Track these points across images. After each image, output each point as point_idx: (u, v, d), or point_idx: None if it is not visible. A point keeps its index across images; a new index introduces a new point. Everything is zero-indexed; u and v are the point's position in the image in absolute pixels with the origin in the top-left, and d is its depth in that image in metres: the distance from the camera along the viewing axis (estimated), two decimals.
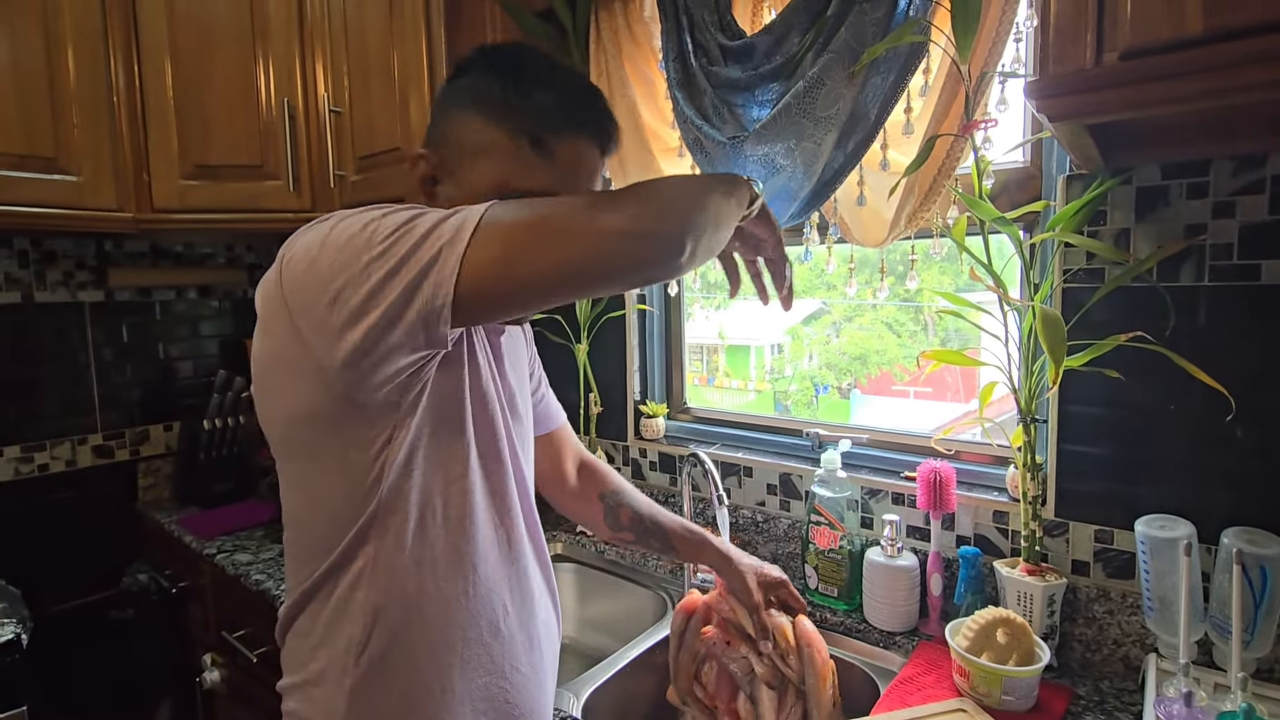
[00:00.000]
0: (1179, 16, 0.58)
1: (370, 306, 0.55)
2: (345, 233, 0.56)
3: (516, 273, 0.55)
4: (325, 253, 0.57)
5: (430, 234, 0.55)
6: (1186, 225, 0.88)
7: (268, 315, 0.62)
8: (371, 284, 0.55)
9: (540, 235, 0.55)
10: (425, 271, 0.54)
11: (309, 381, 0.60)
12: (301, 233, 0.61)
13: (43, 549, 1.61)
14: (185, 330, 1.85)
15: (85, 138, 1.37)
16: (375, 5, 1.35)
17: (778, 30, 1.04)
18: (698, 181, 0.63)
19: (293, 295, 0.59)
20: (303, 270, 0.58)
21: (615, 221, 0.56)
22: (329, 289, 0.56)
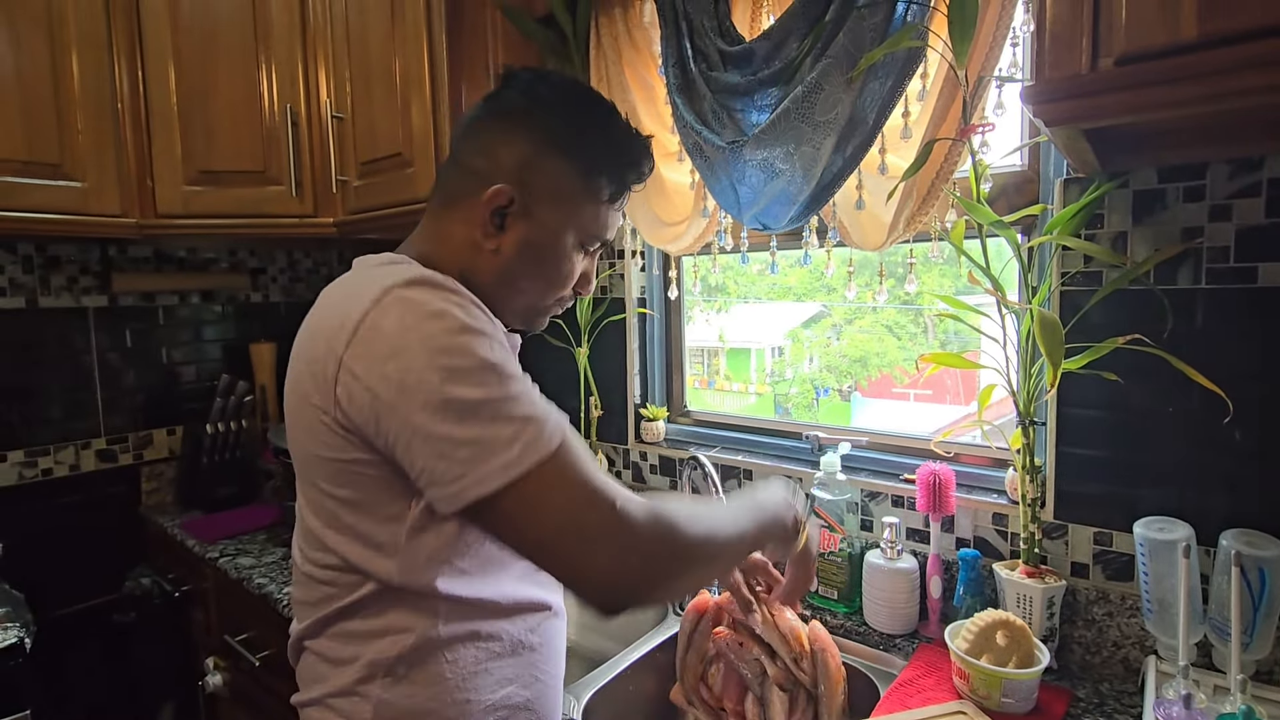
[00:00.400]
0: (1174, 22, 0.58)
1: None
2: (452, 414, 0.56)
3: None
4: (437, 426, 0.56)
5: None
6: (1183, 228, 0.89)
7: (317, 405, 0.62)
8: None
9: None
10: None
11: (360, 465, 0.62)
12: (379, 359, 0.58)
13: (46, 553, 1.61)
14: (188, 335, 1.86)
15: (89, 144, 1.38)
16: (377, 11, 1.36)
17: (776, 36, 1.04)
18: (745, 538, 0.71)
19: (377, 434, 0.59)
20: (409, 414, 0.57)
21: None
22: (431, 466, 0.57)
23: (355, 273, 0.70)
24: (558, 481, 0.57)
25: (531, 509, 0.56)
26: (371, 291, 0.60)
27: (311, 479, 0.67)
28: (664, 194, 1.31)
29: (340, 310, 0.62)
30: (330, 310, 0.64)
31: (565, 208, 0.70)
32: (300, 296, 2.08)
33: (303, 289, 2.09)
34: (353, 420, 0.60)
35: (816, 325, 4.43)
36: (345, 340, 0.59)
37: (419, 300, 0.59)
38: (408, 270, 0.63)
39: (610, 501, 0.58)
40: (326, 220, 1.53)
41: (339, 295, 0.66)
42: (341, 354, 0.59)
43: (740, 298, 3.70)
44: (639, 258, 1.50)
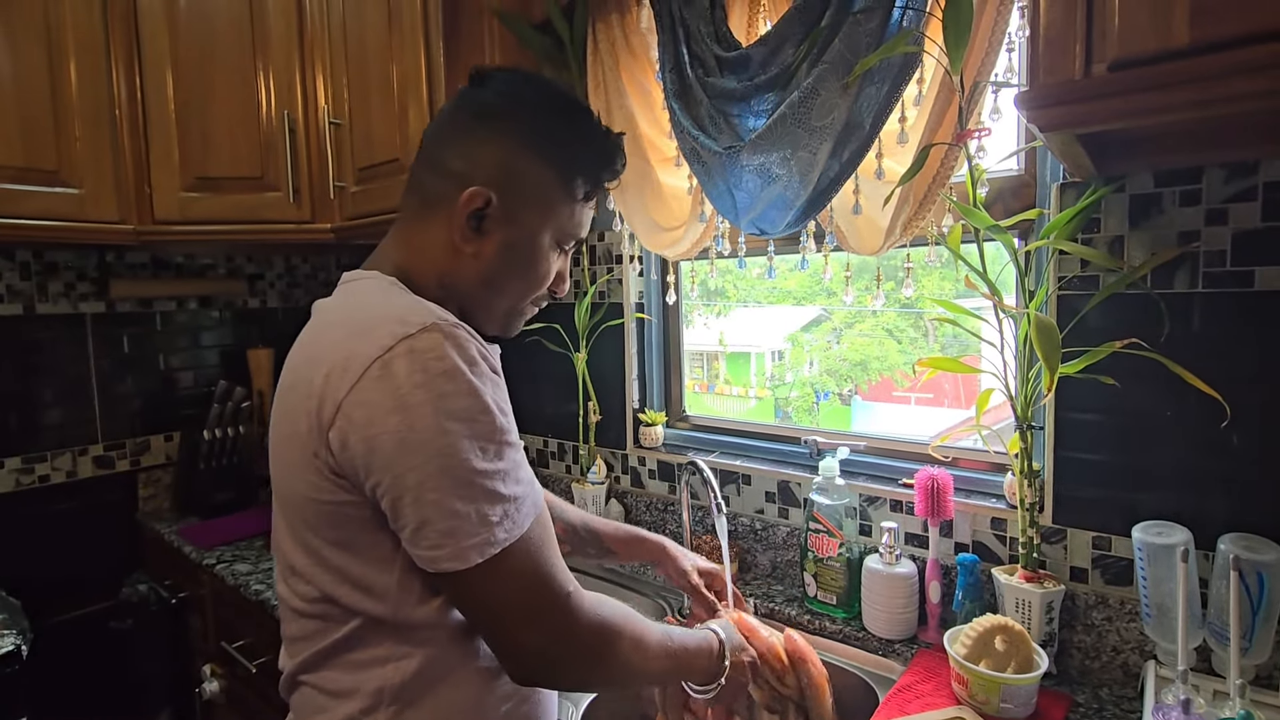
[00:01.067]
0: (1165, 28, 0.58)
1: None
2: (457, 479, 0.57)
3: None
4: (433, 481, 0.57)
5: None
6: (1180, 232, 0.89)
7: (307, 438, 0.61)
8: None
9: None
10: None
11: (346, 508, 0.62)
12: (383, 411, 0.57)
13: (43, 560, 1.61)
14: (186, 341, 1.86)
15: (87, 150, 1.38)
16: (375, 18, 1.36)
17: (773, 41, 1.05)
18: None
19: (359, 471, 0.59)
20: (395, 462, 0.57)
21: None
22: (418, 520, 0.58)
23: (352, 297, 0.68)
24: (522, 561, 0.60)
25: (492, 583, 0.59)
26: (380, 336, 0.58)
27: (298, 517, 0.65)
28: (661, 199, 1.31)
29: (344, 348, 0.60)
30: (330, 343, 0.62)
31: (543, 209, 0.70)
32: (298, 302, 2.08)
33: (300, 294, 2.09)
34: (343, 466, 0.59)
35: (816, 329, 4.44)
36: (348, 384, 0.58)
37: (432, 354, 0.57)
38: (413, 307, 0.61)
39: (563, 590, 0.62)
40: (324, 226, 1.53)
41: (340, 326, 0.64)
42: (341, 399, 0.58)
43: (740, 301, 3.70)
44: (637, 263, 1.50)
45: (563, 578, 0.63)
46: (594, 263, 1.54)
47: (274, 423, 0.68)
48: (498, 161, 0.68)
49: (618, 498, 1.53)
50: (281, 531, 0.69)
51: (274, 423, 0.68)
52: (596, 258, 1.54)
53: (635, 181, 1.32)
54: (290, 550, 0.67)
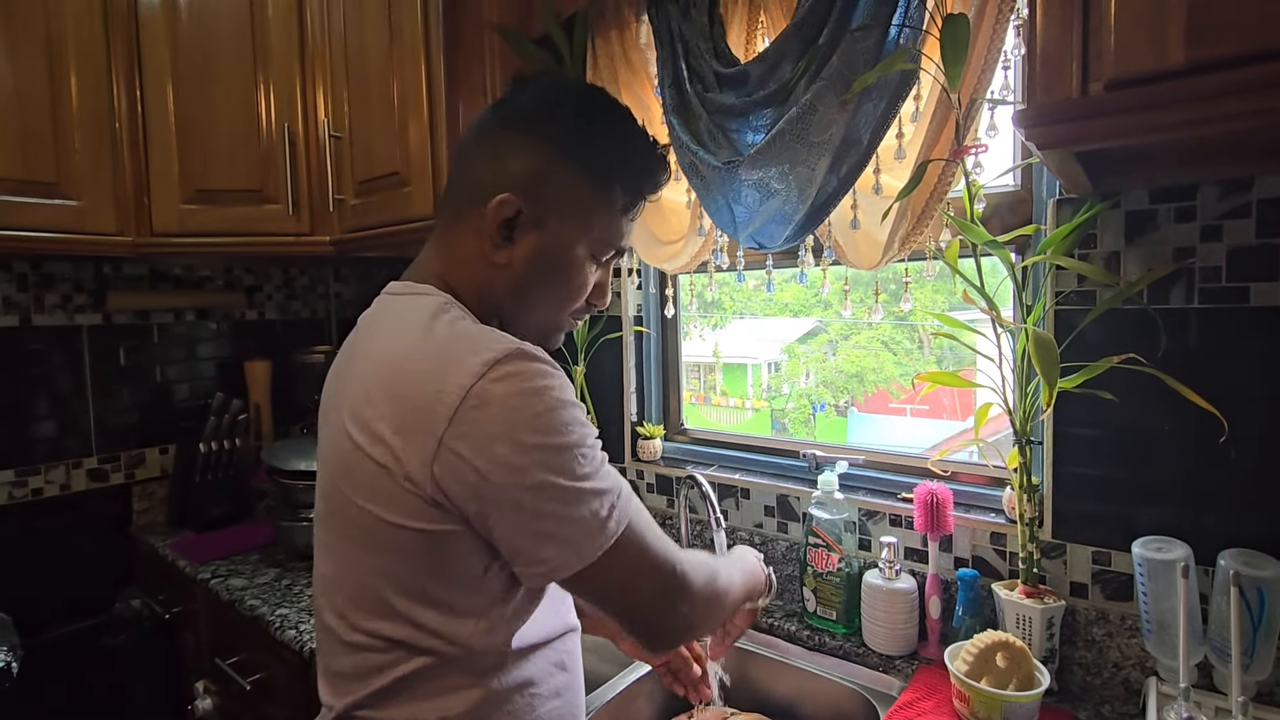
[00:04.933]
0: (1161, 48, 0.59)
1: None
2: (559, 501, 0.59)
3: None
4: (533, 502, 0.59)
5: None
6: (1175, 248, 0.89)
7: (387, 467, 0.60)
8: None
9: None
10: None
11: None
12: (487, 439, 0.57)
13: (35, 575, 1.59)
14: (182, 353, 1.85)
15: (86, 163, 1.38)
16: (375, 32, 1.37)
17: (771, 58, 1.05)
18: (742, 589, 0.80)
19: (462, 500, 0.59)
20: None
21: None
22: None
23: (413, 315, 0.65)
24: (634, 550, 0.63)
25: (613, 575, 0.62)
26: (468, 364, 0.58)
27: (369, 544, 0.63)
28: (660, 213, 1.31)
29: (431, 378, 0.59)
30: (405, 370, 0.61)
31: (577, 218, 0.68)
32: (296, 314, 2.08)
33: (298, 306, 2.09)
34: (450, 497, 0.59)
35: (813, 340, 4.45)
36: (446, 417, 0.57)
37: (521, 378, 0.59)
38: (486, 334, 0.62)
39: (674, 566, 0.66)
40: (323, 239, 1.54)
41: (414, 354, 0.61)
42: (441, 433, 0.57)
43: (736, 313, 3.71)
44: (635, 275, 1.50)
45: (674, 554, 0.66)
46: None
47: (330, 445, 0.66)
48: (529, 168, 0.67)
49: None
50: (336, 558, 0.66)
51: (330, 445, 0.66)
52: None
53: None
54: (350, 579, 0.65)
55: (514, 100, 0.71)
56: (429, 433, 0.57)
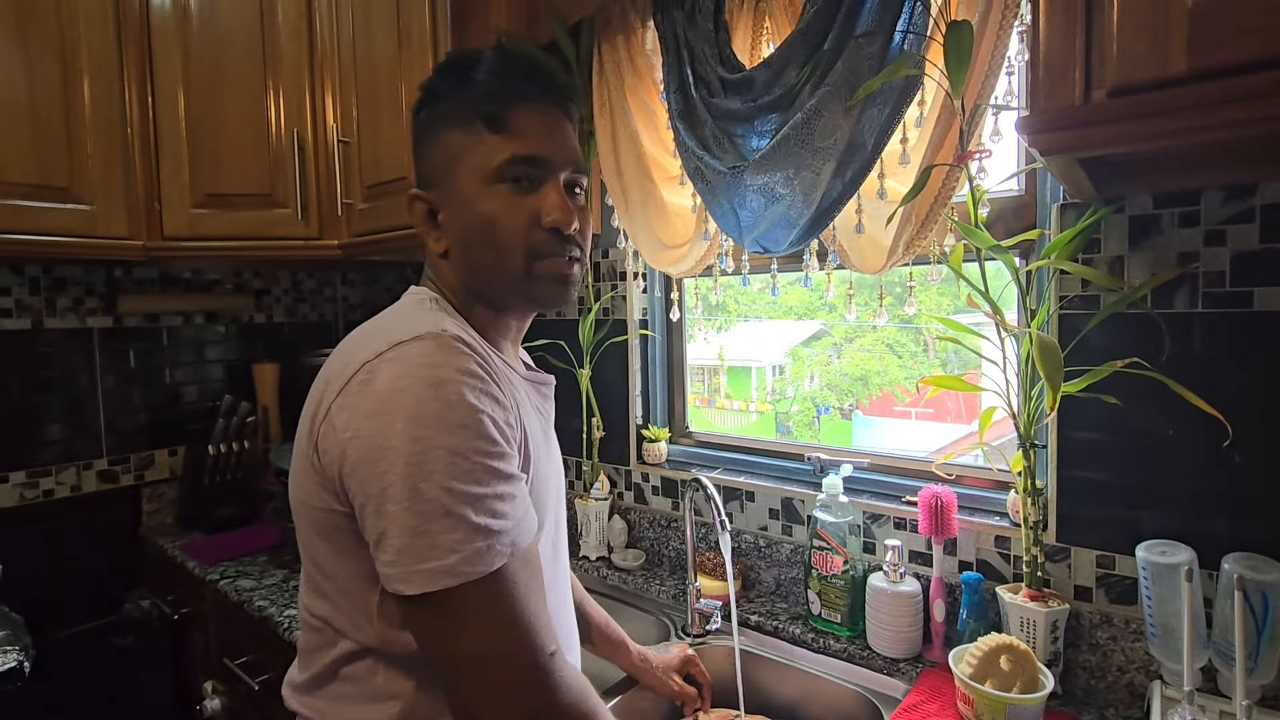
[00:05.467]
0: (1163, 56, 0.60)
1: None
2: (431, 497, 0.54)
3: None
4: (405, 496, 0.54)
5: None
6: (1179, 253, 0.90)
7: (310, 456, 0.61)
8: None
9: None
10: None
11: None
12: (360, 414, 0.56)
13: (46, 575, 1.61)
14: (191, 355, 1.87)
15: (99, 168, 1.40)
16: (384, 38, 1.38)
17: (776, 64, 1.06)
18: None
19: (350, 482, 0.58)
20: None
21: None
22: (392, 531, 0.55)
23: (384, 312, 0.69)
24: (488, 607, 0.54)
25: (452, 624, 0.54)
26: (378, 343, 0.59)
27: (301, 523, 0.65)
28: (665, 217, 1.32)
29: (349, 355, 0.61)
30: (341, 354, 0.63)
31: (459, 164, 0.67)
32: (303, 317, 2.09)
33: (306, 309, 2.10)
34: (326, 470, 0.59)
35: (817, 343, 4.45)
36: (338, 388, 0.58)
37: (421, 360, 0.56)
38: (422, 320, 0.61)
39: (543, 649, 0.56)
40: (331, 242, 1.55)
41: (355, 339, 0.64)
42: (331, 401, 0.58)
43: (741, 316, 3.72)
44: (640, 279, 1.51)
45: (543, 637, 0.57)
46: (598, 279, 1.56)
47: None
48: (420, 159, 0.71)
49: (620, 514, 1.53)
50: (298, 539, 0.69)
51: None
52: (601, 275, 1.55)
53: (639, 200, 1.33)
54: (303, 559, 0.68)
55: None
56: (325, 403, 0.59)
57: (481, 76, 0.67)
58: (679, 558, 1.44)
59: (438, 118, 0.69)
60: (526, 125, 0.67)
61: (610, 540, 1.50)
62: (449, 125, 0.68)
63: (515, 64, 0.68)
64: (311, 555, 0.65)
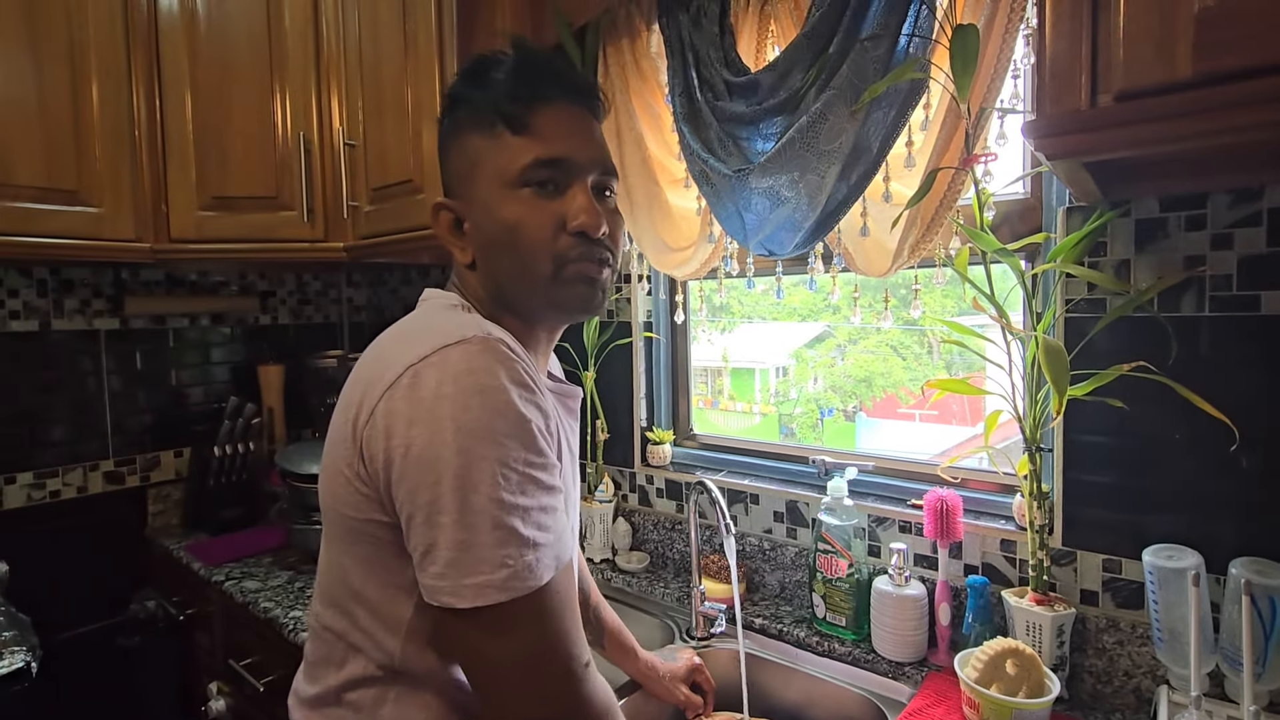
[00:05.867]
0: (1169, 61, 0.60)
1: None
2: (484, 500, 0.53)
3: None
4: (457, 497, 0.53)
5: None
6: (1186, 256, 0.90)
7: (349, 452, 0.59)
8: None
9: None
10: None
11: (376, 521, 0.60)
12: (406, 421, 0.55)
13: (52, 576, 1.61)
14: (197, 357, 1.87)
15: (106, 171, 1.41)
16: (390, 41, 1.39)
17: (781, 67, 1.06)
18: None
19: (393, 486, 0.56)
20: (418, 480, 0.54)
21: None
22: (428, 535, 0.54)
23: (418, 313, 0.67)
24: (533, 618, 0.54)
25: (493, 636, 0.54)
26: (423, 345, 0.56)
27: (333, 530, 0.64)
28: (670, 220, 1.32)
29: (386, 359, 0.58)
30: (380, 356, 0.61)
31: (479, 170, 0.65)
32: (309, 319, 2.10)
33: (311, 311, 2.11)
34: (371, 478, 0.57)
35: (821, 345, 4.44)
36: (381, 392, 0.56)
37: (464, 365, 0.54)
38: (464, 323, 0.59)
39: (580, 660, 0.57)
40: (337, 245, 1.55)
41: (393, 340, 0.62)
42: (374, 405, 0.56)
43: (744, 318, 3.71)
44: (645, 282, 1.51)
45: (580, 648, 0.57)
46: None
47: (327, 437, 0.66)
48: (444, 167, 0.71)
49: (625, 516, 1.53)
50: (322, 553, 0.68)
51: (327, 437, 0.66)
52: None
53: (644, 202, 1.34)
54: (322, 567, 0.66)
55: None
56: (366, 406, 0.57)
57: (501, 77, 0.65)
58: (683, 560, 1.44)
59: (459, 123, 0.68)
60: (549, 126, 0.64)
61: (615, 543, 1.51)
62: (470, 130, 0.66)
63: (536, 63, 0.66)
64: (338, 564, 0.64)
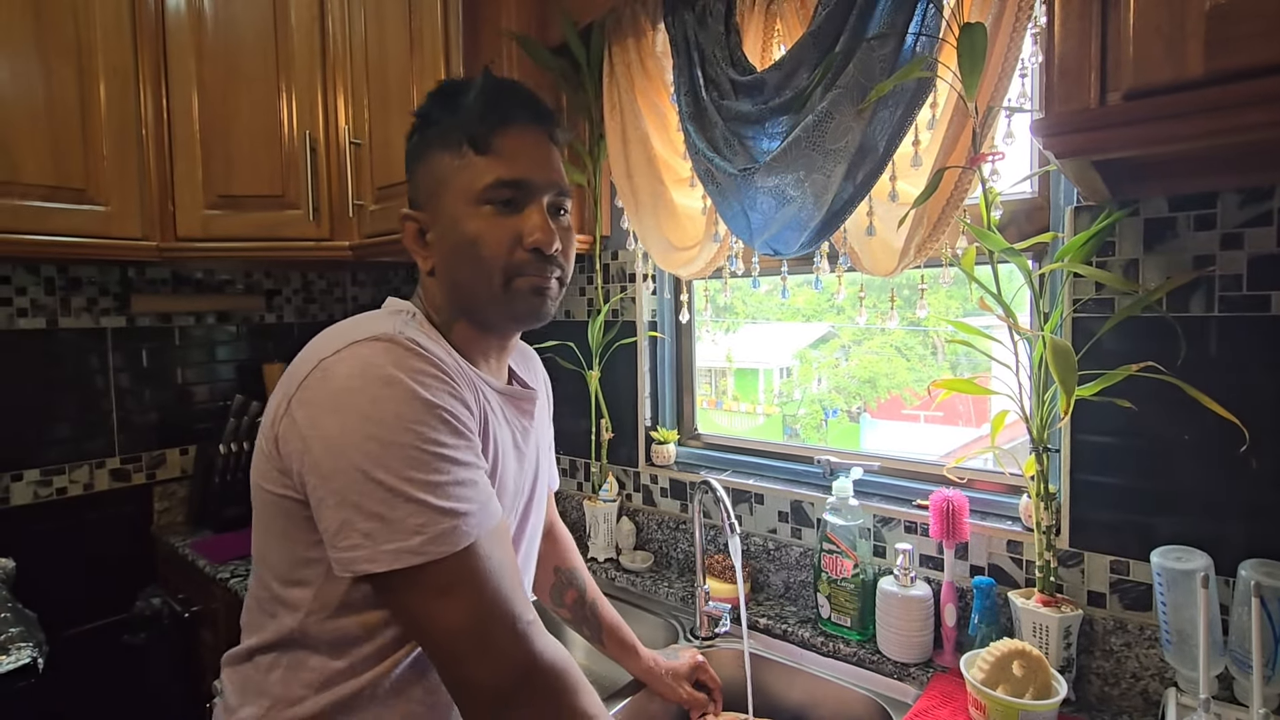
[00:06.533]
0: (1180, 59, 0.59)
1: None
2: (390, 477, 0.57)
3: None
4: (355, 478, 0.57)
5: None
6: (1195, 256, 0.89)
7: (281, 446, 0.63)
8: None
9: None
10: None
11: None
12: (319, 411, 0.59)
13: (59, 572, 1.62)
14: (203, 355, 1.88)
15: (114, 170, 1.42)
16: (396, 40, 1.39)
17: (787, 66, 1.06)
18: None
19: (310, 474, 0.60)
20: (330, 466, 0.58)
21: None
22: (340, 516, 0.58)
23: (355, 316, 0.71)
24: (467, 582, 0.58)
25: (428, 601, 0.58)
26: (338, 341, 0.62)
27: (255, 507, 0.68)
28: (675, 219, 1.32)
29: (309, 354, 0.64)
30: (304, 353, 0.65)
31: (445, 186, 0.70)
32: (313, 317, 2.11)
33: (316, 310, 2.11)
34: (285, 460, 0.62)
35: (825, 346, 4.43)
36: (296, 383, 0.61)
37: (374, 361, 0.59)
38: (382, 323, 0.64)
39: (520, 618, 0.60)
40: (342, 244, 1.56)
41: (319, 338, 0.67)
42: (291, 395, 0.61)
43: (748, 318, 3.71)
44: (650, 281, 1.51)
45: (519, 606, 0.60)
46: (607, 281, 1.56)
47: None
48: (411, 181, 0.75)
49: (629, 515, 1.53)
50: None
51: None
52: (610, 276, 1.55)
53: (649, 202, 1.33)
54: (253, 538, 0.71)
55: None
56: (284, 395, 0.62)
57: (469, 102, 0.70)
58: (687, 560, 1.44)
59: (427, 141, 0.72)
60: (511, 149, 0.70)
61: (618, 542, 1.50)
62: (438, 149, 0.71)
63: (502, 90, 0.71)
64: (259, 536, 0.69)
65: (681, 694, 1.02)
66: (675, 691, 1.02)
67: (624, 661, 1.02)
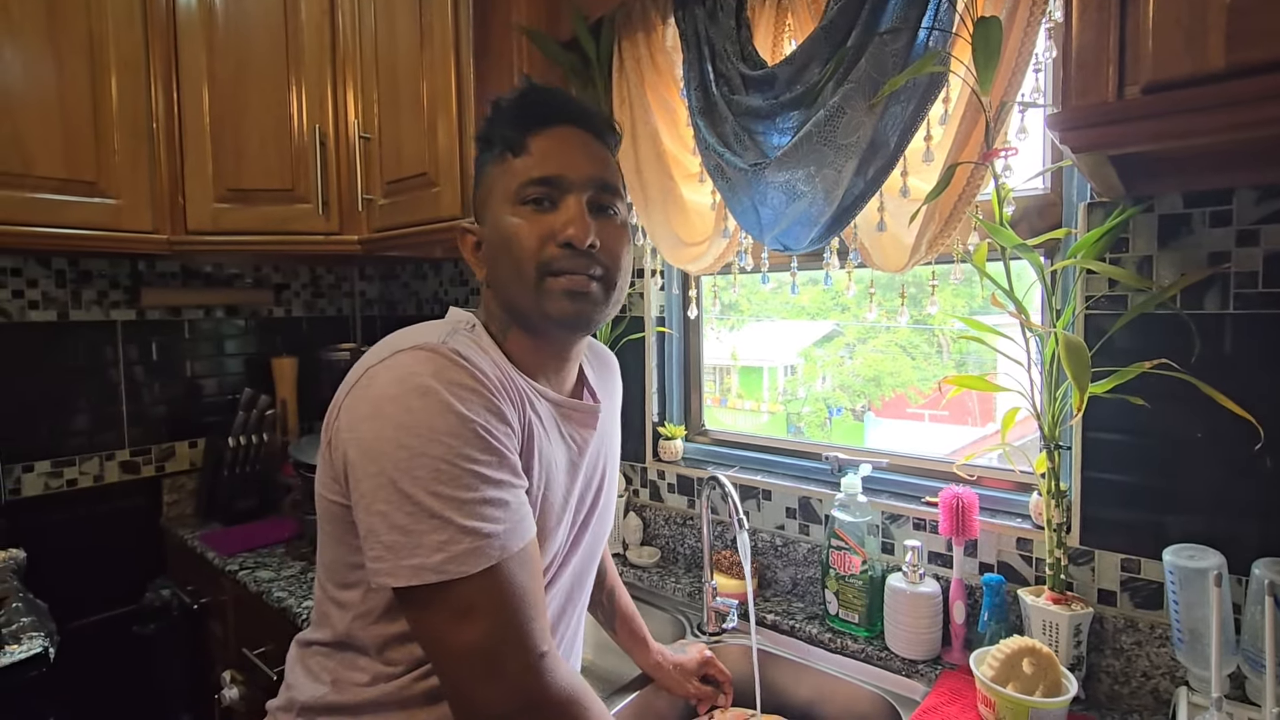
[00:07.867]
0: (1200, 52, 0.59)
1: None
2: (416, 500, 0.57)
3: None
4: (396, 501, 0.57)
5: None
6: (1210, 253, 0.88)
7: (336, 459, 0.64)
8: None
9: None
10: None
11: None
12: (358, 417, 0.60)
13: (69, 563, 1.63)
14: (212, 349, 1.89)
15: (125, 163, 1.42)
16: (406, 35, 1.39)
17: (799, 60, 1.06)
18: None
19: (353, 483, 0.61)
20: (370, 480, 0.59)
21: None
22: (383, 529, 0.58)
23: (419, 324, 0.72)
24: (484, 605, 0.57)
25: (444, 619, 0.57)
26: (386, 350, 0.63)
27: (316, 510, 0.70)
28: (684, 214, 1.32)
29: (367, 357, 0.65)
30: (366, 355, 0.67)
31: (491, 194, 0.72)
32: (322, 311, 2.11)
33: (324, 304, 2.12)
34: (335, 466, 0.63)
35: (829, 344, 4.42)
36: (348, 389, 0.63)
37: (414, 370, 0.59)
38: (429, 332, 0.65)
39: (535, 648, 0.58)
40: (351, 238, 1.56)
41: (381, 341, 0.68)
42: (341, 401, 0.63)
43: (753, 316, 3.70)
44: (658, 276, 1.51)
45: (535, 637, 0.58)
46: None
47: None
48: (475, 199, 0.76)
49: (636, 511, 1.53)
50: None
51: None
52: None
53: (659, 197, 1.33)
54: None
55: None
56: (336, 402, 0.64)
57: (507, 108, 0.72)
58: (694, 555, 1.44)
59: (481, 158, 0.75)
60: (544, 148, 0.69)
61: (626, 537, 1.51)
62: (487, 162, 0.73)
63: (539, 95, 0.72)
64: (321, 539, 0.70)
65: (688, 689, 1.02)
66: (682, 686, 1.02)
67: (632, 653, 1.02)
